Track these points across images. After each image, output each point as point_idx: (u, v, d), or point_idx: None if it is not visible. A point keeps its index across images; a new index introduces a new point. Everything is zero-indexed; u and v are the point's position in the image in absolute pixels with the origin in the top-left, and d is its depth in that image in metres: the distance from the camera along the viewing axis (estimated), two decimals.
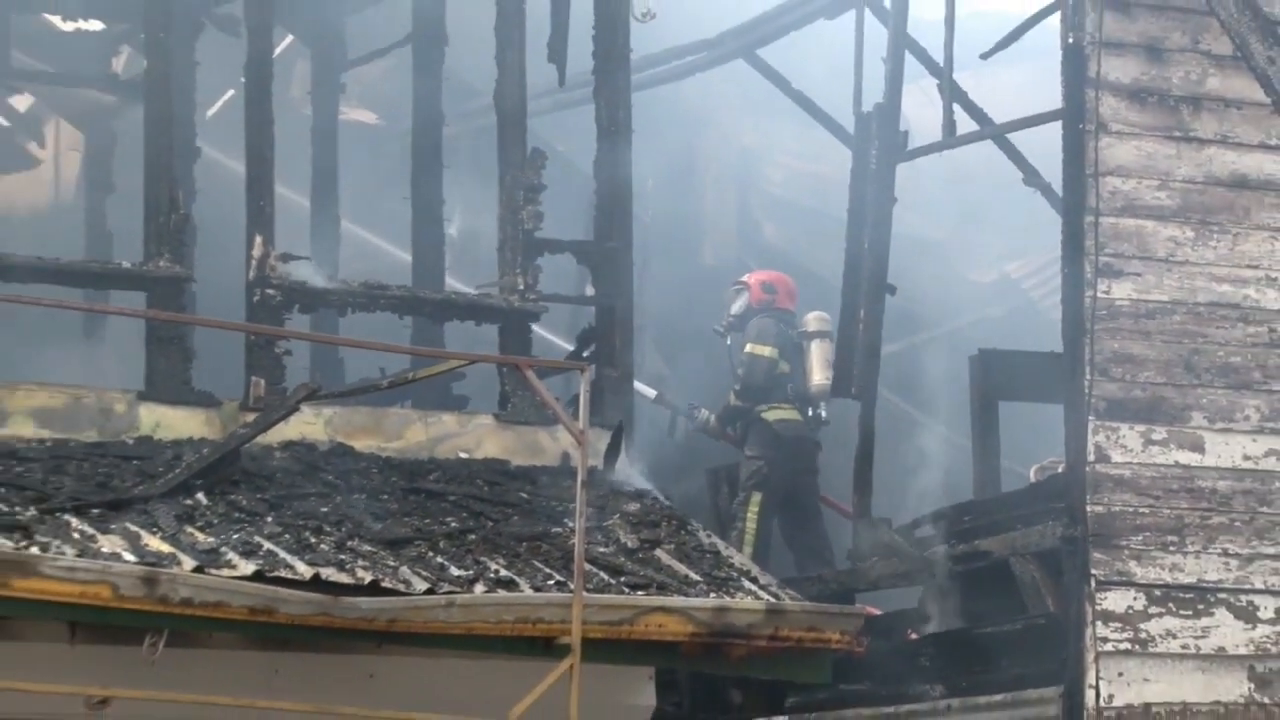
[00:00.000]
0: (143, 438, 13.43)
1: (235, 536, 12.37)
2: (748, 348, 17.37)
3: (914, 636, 15.49)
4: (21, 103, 19.13)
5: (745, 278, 17.73)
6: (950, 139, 16.13)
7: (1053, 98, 14.74)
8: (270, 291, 13.95)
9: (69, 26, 17.46)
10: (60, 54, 17.59)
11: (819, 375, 17.04)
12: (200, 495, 12.78)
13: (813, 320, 17.26)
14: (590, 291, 14.77)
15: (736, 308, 17.60)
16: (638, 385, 16.19)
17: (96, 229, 17.52)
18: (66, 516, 12.18)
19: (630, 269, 14.63)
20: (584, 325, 15.00)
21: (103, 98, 17.76)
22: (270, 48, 14.50)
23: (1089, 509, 14.18)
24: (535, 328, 14.68)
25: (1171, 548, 14.32)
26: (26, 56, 17.62)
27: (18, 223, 18.57)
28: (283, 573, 11.98)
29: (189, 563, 11.90)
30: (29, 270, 14.05)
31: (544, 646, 12.20)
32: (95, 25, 17.39)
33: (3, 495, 12.29)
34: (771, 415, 17.24)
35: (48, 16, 17.36)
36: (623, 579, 12.87)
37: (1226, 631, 14.34)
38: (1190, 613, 14.29)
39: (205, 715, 12.26)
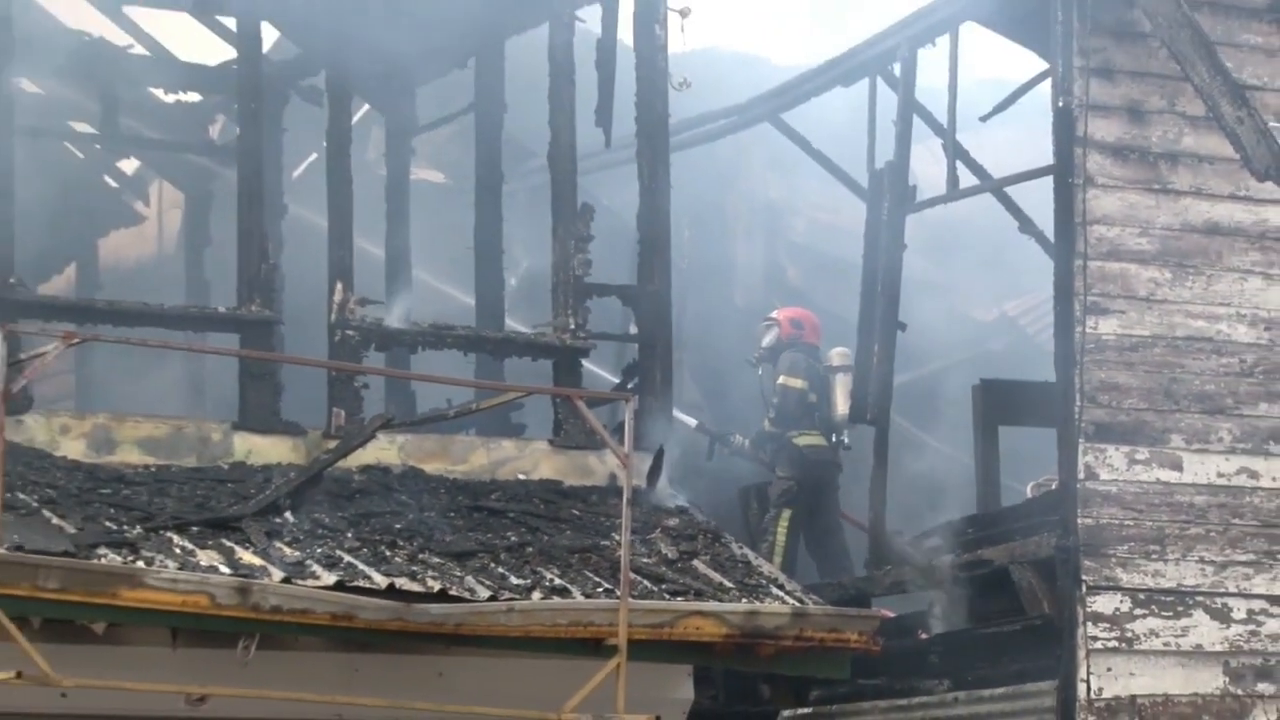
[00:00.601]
0: (237, 463, 13.48)
1: (319, 550, 12.41)
2: (780, 379, 17.34)
3: (924, 636, 15.44)
4: (129, 166, 19.20)
5: (775, 314, 17.70)
6: (954, 192, 16.12)
7: (1045, 155, 14.71)
8: (350, 332, 13.99)
9: (170, 98, 17.53)
10: (163, 122, 17.65)
11: (843, 405, 16.99)
12: (288, 514, 12.83)
13: (836, 355, 17.23)
14: (634, 330, 14.76)
15: (767, 341, 17.58)
16: (678, 414, 16.17)
17: (195, 278, 17.57)
18: (169, 534, 12.23)
19: (669, 309, 14.63)
20: (628, 360, 15.00)
21: (200, 161, 17.81)
22: (348, 116, 14.54)
23: (1080, 521, 14.14)
24: (585, 363, 14.71)
25: (1154, 556, 14.29)
26: (133, 124, 17.67)
27: (125, 273, 18.63)
28: (361, 582, 12.02)
29: (278, 574, 11.94)
30: (136, 315, 14.13)
31: (593, 647, 12.19)
32: (194, 97, 17.46)
33: (112, 515, 12.35)
34: (801, 440, 17.22)
35: (152, 89, 17.42)
36: (664, 586, 12.89)
37: (1203, 631, 14.30)
38: (1171, 614, 14.26)
39: (292, 711, 12.29)
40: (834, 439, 17.24)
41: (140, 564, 11.68)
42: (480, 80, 15.19)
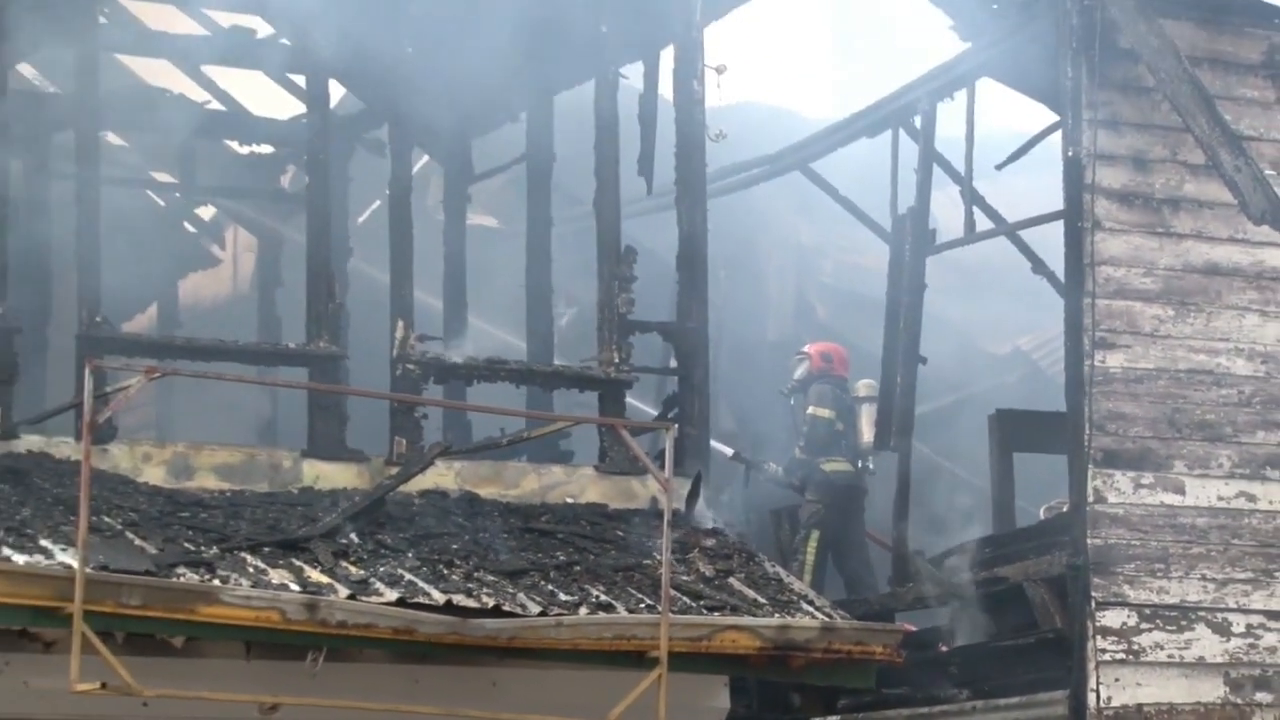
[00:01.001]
0: (305, 488, 13.50)
1: (382, 569, 12.42)
2: (810, 410, 17.31)
3: (944, 649, 15.41)
4: (206, 213, 19.27)
5: (806, 348, 17.68)
6: (971, 236, 16.13)
7: (1056, 200, 14.70)
8: (410, 366, 14.02)
9: (244, 150, 17.59)
10: (238, 172, 17.72)
11: (869, 434, 16.96)
12: (353, 535, 12.83)
13: (863, 387, 17.20)
14: (673, 364, 14.76)
15: (799, 374, 17.56)
16: (715, 444, 16.16)
17: (267, 316, 17.61)
18: (243, 554, 12.26)
19: (706, 345, 14.64)
20: (669, 392, 15.01)
21: (272, 208, 17.86)
22: (409, 166, 14.59)
23: (1089, 542, 14.12)
24: (628, 395, 14.73)
25: (1158, 574, 14.26)
26: (210, 174, 17.74)
27: (202, 312, 18.70)
28: (421, 599, 12.04)
29: (344, 591, 11.97)
30: (213, 350, 14.19)
31: (636, 659, 12.20)
32: (266, 149, 17.52)
33: (190, 537, 12.38)
34: (829, 467, 17.20)
35: (228, 142, 17.49)
36: (702, 602, 12.88)
37: (1205, 644, 14.27)
38: (1175, 628, 14.23)
39: (357, 712, 12.35)
40: (859, 465, 17.22)
41: (216, 582, 11.72)
42: (531, 133, 15.22)
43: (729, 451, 17.50)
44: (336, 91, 15.21)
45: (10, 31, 13.48)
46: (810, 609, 13.25)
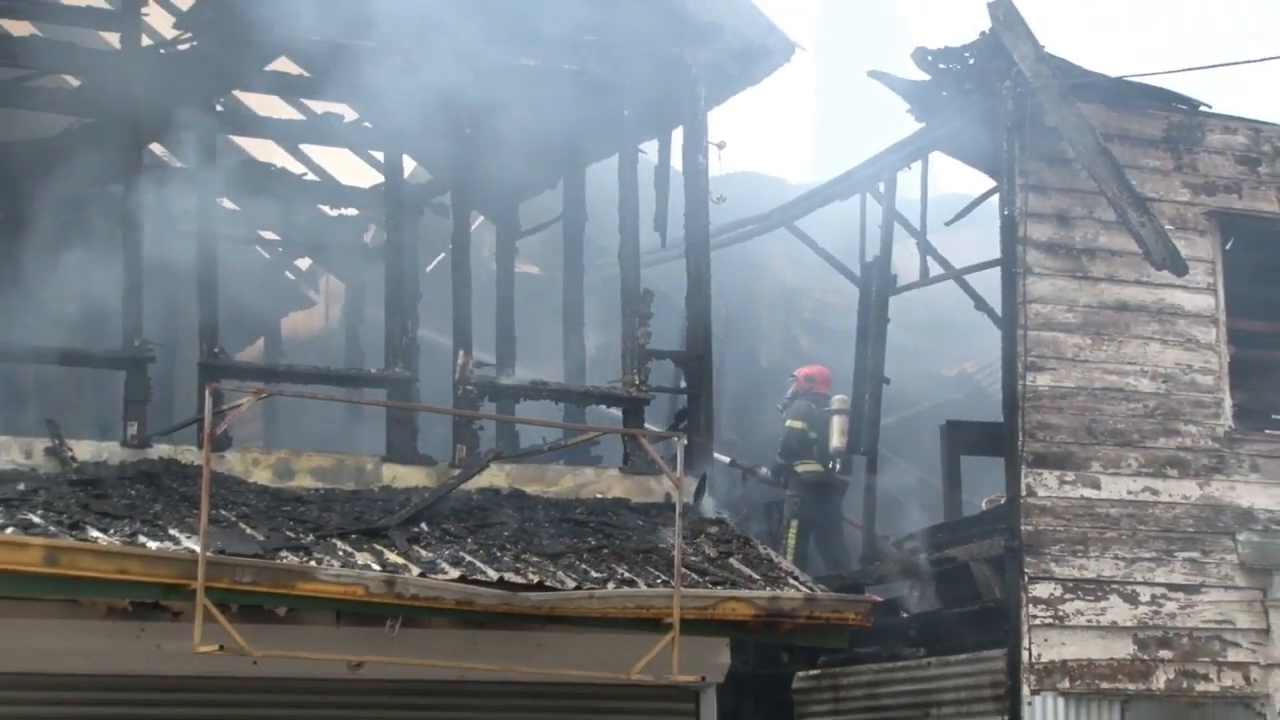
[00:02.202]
0: (384, 487, 13.50)
1: (446, 552, 12.43)
2: (787, 423, 17.40)
3: (905, 615, 15.41)
4: (303, 264, 19.29)
5: (796, 371, 17.77)
6: (925, 280, 16.16)
7: (994, 250, 14.75)
8: (469, 388, 14.04)
9: (334, 212, 17.64)
10: (328, 230, 17.75)
11: (837, 440, 17.00)
12: (423, 525, 12.85)
13: (836, 401, 17.21)
14: (683, 385, 14.76)
15: (789, 393, 17.63)
16: (717, 455, 16.19)
17: (353, 347, 17.64)
18: (334, 540, 12.28)
19: (710, 370, 14.62)
20: (679, 408, 15.00)
21: (357, 259, 17.90)
22: (468, 225, 14.59)
23: (1023, 528, 14.16)
24: (646, 411, 14.75)
25: (1079, 554, 14.27)
26: (306, 233, 17.78)
27: (300, 344, 18.72)
28: (478, 576, 12.05)
29: (416, 570, 11.98)
30: (309, 375, 14.21)
31: (654, 625, 12.19)
32: (352, 211, 17.57)
33: (291, 527, 12.40)
34: (802, 468, 17.23)
35: (320, 206, 17.54)
36: (707, 578, 12.87)
37: (1117, 611, 14.28)
38: (1092, 598, 14.24)
39: (427, 674, 12.36)
40: (829, 465, 17.24)
41: (312, 563, 11.73)
42: (567, 196, 15.26)
43: (727, 459, 17.51)
44: (409, 164, 15.26)
45: (146, 118, 13.55)
46: (795, 584, 13.22)
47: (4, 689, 11.91)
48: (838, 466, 17.17)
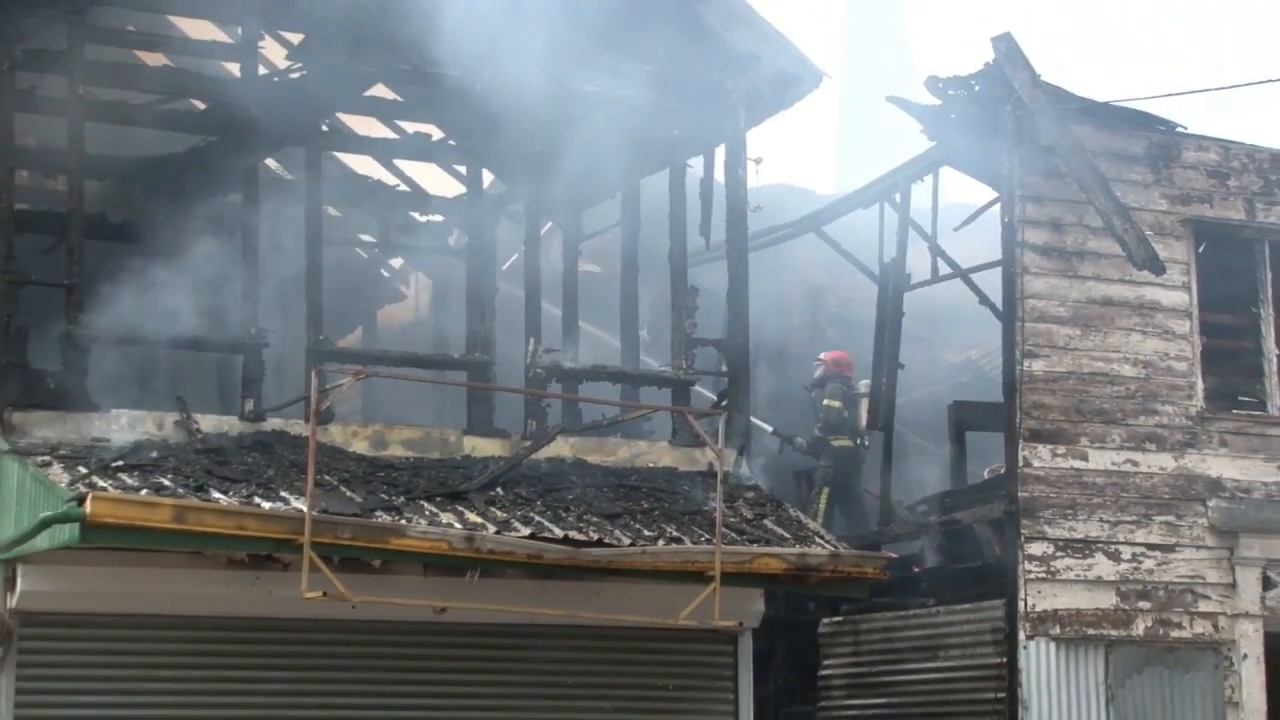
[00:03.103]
0: (465, 456, 13.51)
1: (519, 513, 12.46)
2: (825, 401, 17.32)
3: (916, 570, 15.41)
4: (396, 263, 19.32)
5: (823, 356, 17.69)
6: (935, 278, 16.11)
7: (996, 253, 14.71)
8: (539, 370, 14.07)
9: (423, 219, 17.68)
10: (419, 234, 17.80)
11: (862, 420, 17.00)
12: (499, 489, 12.88)
13: (863, 385, 17.15)
14: (724, 368, 14.75)
15: (817, 375, 17.56)
16: (760, 423, 16.13)
17: (439, 335, 17.67)
18: (422, 502, 12.33)
19: (748, 355, 14.58)
20: (721, 388, 14.99)
21: (443, 259, 17.94)
22: (538, 229, 14.64)
23: (1019, 495, 14.14)
24: (693, 389, 14.74)
25: (1069, 517, 14.25)
26: (399, 236, 17.83)
27: (394, 332, 18.75)
28: (546, 534, 12.09)
29: (492, 528, 12.02)
30: (401, 359, 14.26)
31: (698, 577, 12.21)
32: (438, 217, 17.60)
33: (385, 490, 12.45)
34: (837, 443, 17.16)
35: (411, 212, 17.57)
36: (744, 536, 12.90)
37: (1102, 567, 14.26)
38: (1080, 556, 14.22)
39: (501, 618, 12.41)
40: (857, 441, 17.21)
41: (403, 522, 11.79)
42: (624, 205, 15.26)
43: (769, 428, 17.49)
44: (487, 177, 15.28)
45: (262, 137, 13.62)
46: (821, 542, 13.24)
47: (139, 628, 12.04)
48: (866, 442, 17.13)
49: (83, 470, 11.67)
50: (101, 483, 11.45)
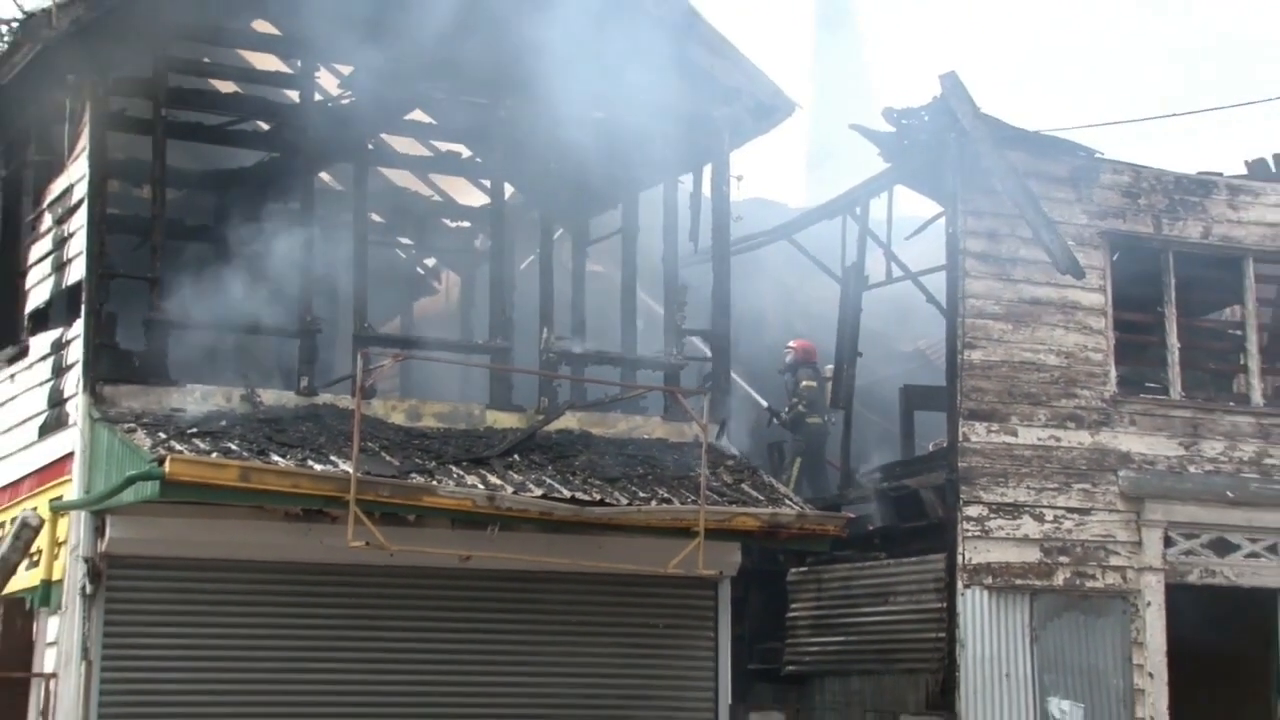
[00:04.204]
0: (488, 428, 13.49)
1: (533, 477, 12.49)
2: (804, 383, 17.11)
3: (871, 528, 15.42)
4: (429, 262, 19.32)
5: (792, 344, 17.57)
6: (890, 280, 16.09)
7: (941, 258, 14.74)
8: (551, 354, 14.05)
9: (452, 224, 17.67)
10: (450, 237, 17.77)
11: (826, 401, 16.95)
12: (516, 456, 12.90)
13: (826, 370, 17.14)
14: (709, 353, 14.75)
15: (788, 360, 17.43)
16: (756, 396, 15.97)
17: (466, 324, 17.65)
18: (450, 466, 12.34)
19: (729, 343, 14.55)
20: (706, 372, 14.97)
21: (470, 259, 17.91)
22: (551, 235, 14.60)
23: (959, 465, 14.17)
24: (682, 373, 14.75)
25: (1000, 484, 14.29)
26: (433, 238, 17.79)
27: (426, 321, 18.70)
28: (556, 494, 12.12)
29: (510, 489, 12.05)
30: (434, 344, 14.29)
31: (685, 532, 12.26)
32: (465, 224, 17.58)
33: (419, 455, 12.46)
34: (810, 419, 17.09)
35: (443, 219, 17.55)
36: (724, 498, 12.92)
37: (1028, 527, 14.30)
38: (1010, 517, 14.25)
39: (516, 565, 12.43)
40: (824, 418, 17.17)
41: (434, 483, 11.81)
42: (625, 215, 15.25)
43: (764, 402, 17.41)
44: (508, 189, 15.27)
45: (316, 154, 13.62)
46: (790, 503, 13.27)
47: (208, 570, 12.08)
48: (831, 419, 17.11)
49: (162, 436, 11.70)
50: (178, 446, 11.48)
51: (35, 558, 12.50)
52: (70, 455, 12.35)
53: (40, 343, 13.41)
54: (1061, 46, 41.17)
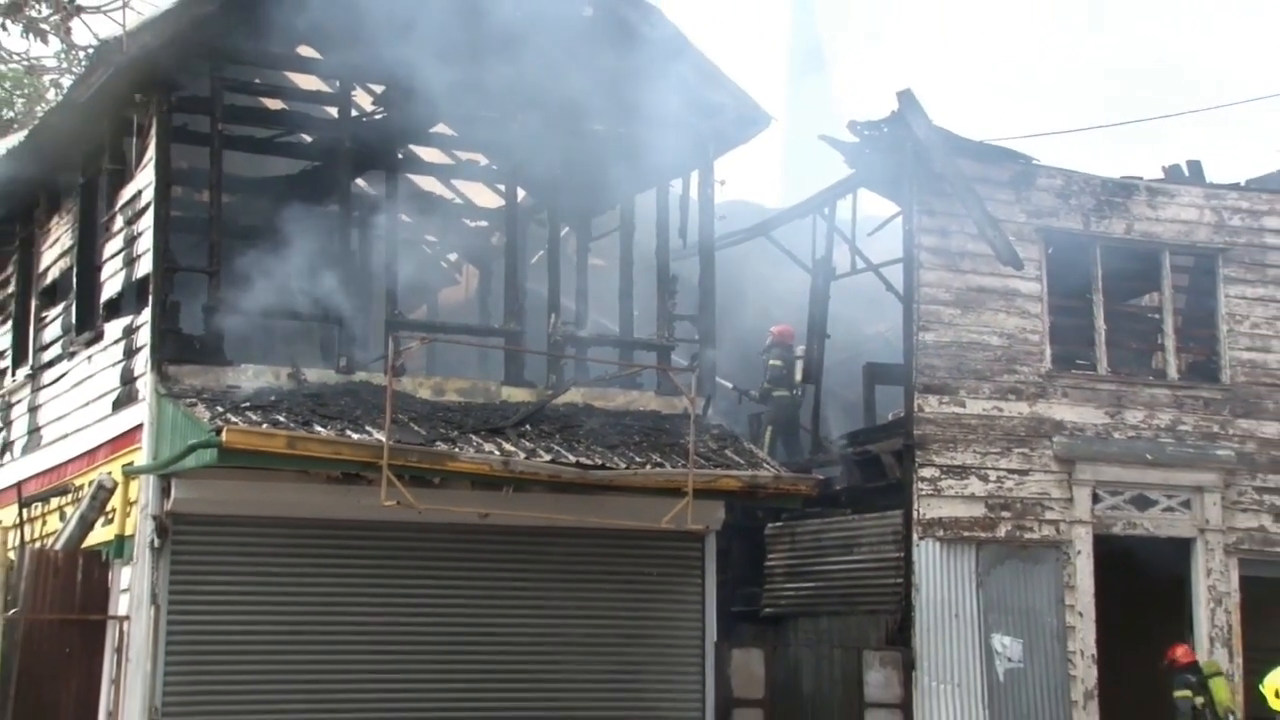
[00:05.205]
0: (504, 401, 13.44)
1: (542, 444, 12.49)
2: (770, 362, 17.15)
3: (837, 488, 15.43)
4: (452, 257, 19.24)
5: (772, 329, 17.49)
6: (854, 271, 16.11)
7: (899, 252, 14.72)
8: (558, 337, 14.03)
9: (472, 224, 17.61)
10: (468, 235, 17.70)
11: (799, 376, 16.93)
12: (527, 426, 12.88)
13: (800, 350, 17.13)
14: (696, 336, 14.73)
15: (768, 343, 17.37)
16: (723, 381, 15.99)
17: (484, 310, 17.56)
18: (470, 435, 12.34)
19: (714, 327, 14.50)
20: (694, 352, 14.96)
21: (487, 254, 17.85)
22: (559, 233, 14.62)
23: (915, 432, 14.17)
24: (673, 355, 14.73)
25: (950, 449, 14.30)
26: (453, 236, 17.73)
27: (449, 308, 18.69)
28: (563, 460, 12.13)
29: (522, 455, 12.04)
30: (455, 329, 14.31)
31: (676, 492, 12.26)
32: (483, 223, 17.53)
33: (443, 426, 12.45)
34: (778, 393, 17.04)
35: (464, 219, 17.50)
36: (710, 462, 12.90)
37: (975, 486, 14.31)
38: (958, 478, 14.27)
39: (529, 522, 12.42)
40: (793, 392, 17.13)
41: (456, 450, 11.81)
42: (623, 215, 15.22)
43: (730, 385, 17.42)
44: (521, 193, 15.23)
45: (353, 162, 13.59)
46: (768, 467, 13.29)
47: (259, 526, 12.10)
48: (800, 392, 17.09)
49: (219, 409, 11.71)
50: (233, 418, 11.48)
51: (110, 516, 12.53)
52: (140, 426, 12.35)
53: (114, 328, 13.40)
54: (1005, 63, 41.12)
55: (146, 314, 12.52)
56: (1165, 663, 14.35)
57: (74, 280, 14.36)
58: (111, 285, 13.53)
